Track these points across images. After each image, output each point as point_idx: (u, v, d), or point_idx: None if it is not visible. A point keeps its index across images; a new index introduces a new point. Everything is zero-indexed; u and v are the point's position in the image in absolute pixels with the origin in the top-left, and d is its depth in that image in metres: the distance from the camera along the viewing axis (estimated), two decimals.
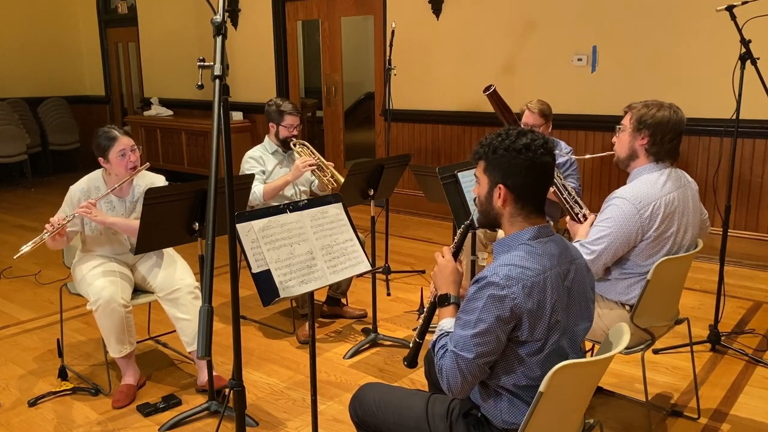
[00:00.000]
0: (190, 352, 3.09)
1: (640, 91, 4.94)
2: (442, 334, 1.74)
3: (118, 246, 3.10)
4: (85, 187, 3.06)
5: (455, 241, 1.94)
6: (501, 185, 1.70)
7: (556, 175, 2.70)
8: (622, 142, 2.50)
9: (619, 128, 2.51)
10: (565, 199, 2.66)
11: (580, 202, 2.68)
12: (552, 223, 3.81)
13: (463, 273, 1.89)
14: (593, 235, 2.40)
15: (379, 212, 3.88)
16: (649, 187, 2.39)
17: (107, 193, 2.99)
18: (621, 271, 2.45)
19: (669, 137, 2.41)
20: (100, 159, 3.01)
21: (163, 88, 8.78)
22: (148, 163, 3.10)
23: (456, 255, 1.91)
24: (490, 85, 2.69)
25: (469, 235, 2.27)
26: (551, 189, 2.67)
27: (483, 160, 1.74)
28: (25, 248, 2.82)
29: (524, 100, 3.93)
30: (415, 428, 1.85)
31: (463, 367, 1.63)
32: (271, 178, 3.77)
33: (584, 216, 2.64)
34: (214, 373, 2.99)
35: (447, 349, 1.67)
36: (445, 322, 1.78)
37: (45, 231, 2.83)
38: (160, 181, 3.19)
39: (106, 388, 3.07)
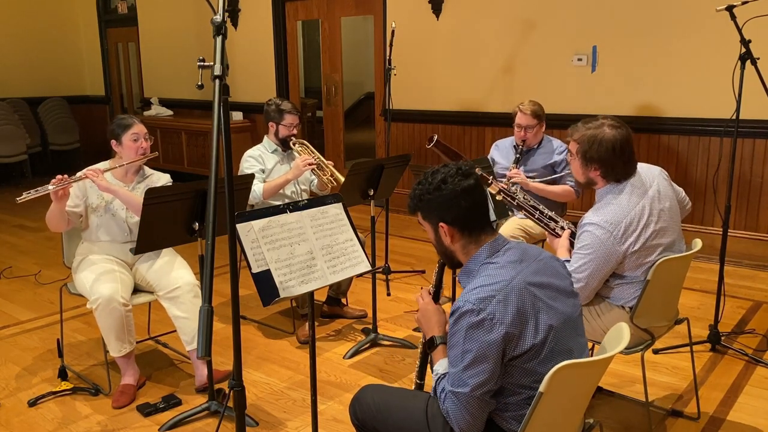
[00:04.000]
0: (189, 351, 3.09)
1: (640, 91, 4.95)
2: (439, 378, 1.75)
3: (117, 229, 3.10)
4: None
5: (434, 280, 1.97)
6: (441, 224, 1.76)
7: (523, 198, 2.67)
8: (576, 170, 2.46)
9: (569, 155, 2.47)
10: (538, 219, 2.62)
11: (555, 216, 2.64)
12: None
13: (446, 314, 1.88)
14: (575, 263, 2.37)
15: (379, 212, 3.88)
16: (616, 207, 2.35)
17: (116, 167, 3.07)
18: (618, 281, 2.44)
19: (620, 161, 2.36)
20: (113, 142, 3.11)
21: (163, 88, 8.78)
22: (157, 152, 3.18)
23: (437, 294, 1.94)
24: (432, 136, 2.73)
25: None
26: (522, 213, 2.67)
27: (418, 211, 1.82)
28: (26, 195, 2.82)
29: (524, 100, 3.93)
30: (416, 430, 1.85)
31: (464, 404, 1.62)
32: (271, 178, 3.78)
33: (561, 228, 2.60)
34: (213, 367, 3.01)
35: (446, 391, 1.67)
36: (439, 365, 1.78)
37: (51, 183, 2.85)
38: (165, 178, 3.25)
39: (106, 388, 3.07)
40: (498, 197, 2.73)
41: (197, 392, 3.06)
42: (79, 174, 2.96)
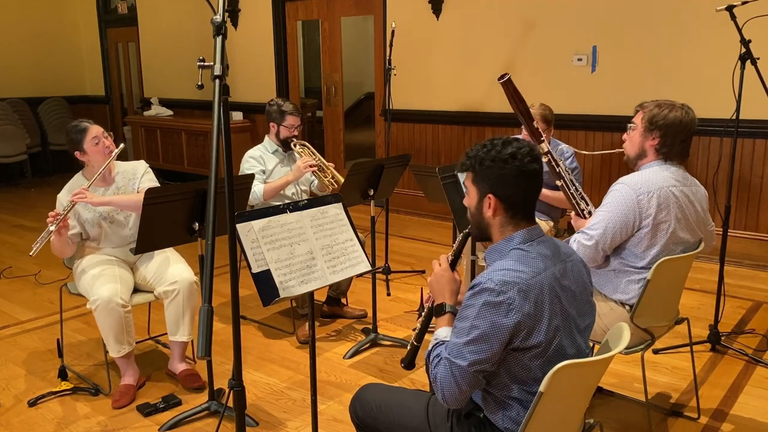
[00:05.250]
0: (171, 341, 3.12)
1: (640, 91, 4.94)
2: (438, 343, 1.72)
3: (118, 233, 3.10)
4: (69, 188, 3.09)
5: (454, 248, 1.93)
6: (490, 195, 1.70)
7: (564, 170, 2.71)
8: (633, 140, 2.51)
9: (631, 126, 2.52)
10: (572, 194, 2.67)
11: (587, 198, 2.69)
12: (552, 223, 3.81)
13: (461, 282, 1.87)
14: (593, 221, 2.43)
15: (379, 212, 3.88)
16: (651, 176, 2.41)
17: (95, 178, 3.00)
18: (620, 261, 2.46)
19: (680, 139, 2.43)
20: (77, 153, 3.06)
21: (163, 88, 8.78)
22: (123, 145, 3.14)
23: (454, 263, 1.90)
24: (506, 74, 2.69)
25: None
26: (558, 182, 2.69)
27: (470, 172, 1.74)
28: (36, 247, 2.82)
29: (535, 103, 3.92)
30: (416, 429, 1.85)
31: (457, 376, 1.61)
32: (272, 178, 3.78)
33: (589, 213, 2.64)
34: (187, 368, 3.13)
35: (441, 357, 1.66)
36: (441, 331, 1.76)
37: (50, 224, 2.84)
38: (141, 165, 3.23)
39: (106, 388, 3.07)
40: (544, 159, 2.74)
41: (166, 375, 3.16)
42: (67, 204, 2.93)
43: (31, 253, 2.82)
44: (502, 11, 5.62)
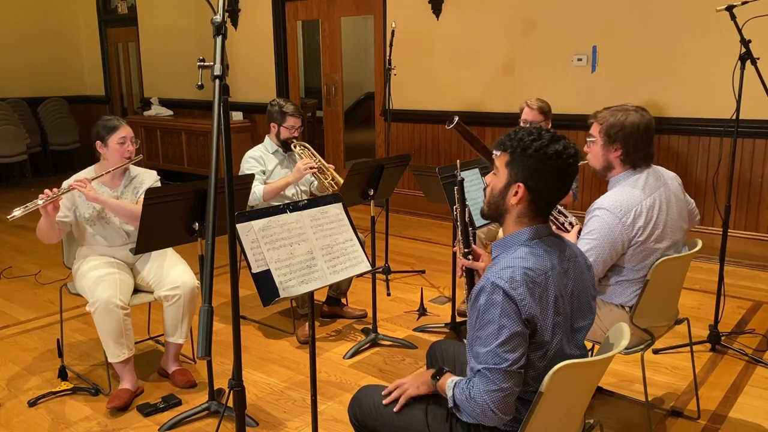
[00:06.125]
0: (166, 340, 3.12)
1: (640, 91, 4.94)
2: (454, 384, 1.69)
3: (114, 235, 3.09)
4: (76, 177, 3.06)
5: (460, 237, 1.95)
6: (521, 184, 1.67)
7: None
8: (595, 154, 2.46)
9: (590, 140, 2.47)
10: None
11: (564, 211, 2.66)
12: None
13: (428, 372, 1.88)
14: (581, 248, 2.38)
15: (379, 212, 3.88)
16: (628, 194, 2.36)
17: (102, 174, 3.00)
18: (618, 278, 2.44)
19: (642, 144, 2.38)
20: (98, 143, 3.04)
21: (163, 88, 8.78)
22: (141, 155, 3.13)
23: (467, 245, 1.94)
24: (453, 117, 2.68)
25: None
26: None
27: (508, 153, 1.70)
28: (17, 212, 2.74)
29: (524, 101, 3.94)
30: (415, 430, 1.84)
31: (502, 378, 1.57)
32: (272, 178, 3.78)
33: (570, 224, 2.62)
34: (179, 367, 3.14)
35: (474, 372, 1.62)
36: (449, 382, 1.73)
37: (40, 198, 2.78)
38: (152, 176, 3.22)
39: (106, 389, 3.07)
40: None
41: (159, 374, 3.18)
42: (65, 186, 2.91)
43: (9, 217, 2.75)
44: (502, 11, 5.62)
